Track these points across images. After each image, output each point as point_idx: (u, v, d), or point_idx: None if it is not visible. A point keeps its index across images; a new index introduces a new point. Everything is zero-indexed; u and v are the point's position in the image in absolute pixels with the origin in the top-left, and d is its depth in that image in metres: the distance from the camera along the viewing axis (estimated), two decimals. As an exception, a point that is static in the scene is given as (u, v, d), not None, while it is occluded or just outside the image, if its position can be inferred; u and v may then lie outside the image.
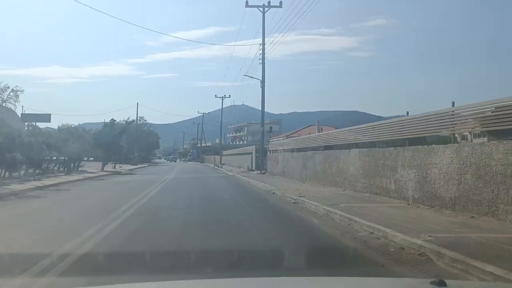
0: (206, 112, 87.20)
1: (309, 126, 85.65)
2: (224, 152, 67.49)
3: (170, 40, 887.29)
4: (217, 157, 71.05)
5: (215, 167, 52.78)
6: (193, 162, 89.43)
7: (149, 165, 60.45)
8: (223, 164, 58.30)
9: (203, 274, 4.78)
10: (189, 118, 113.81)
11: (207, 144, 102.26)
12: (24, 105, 48.92)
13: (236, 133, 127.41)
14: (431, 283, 2.12)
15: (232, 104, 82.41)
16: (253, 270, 5.18)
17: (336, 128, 27.01)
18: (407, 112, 15.29)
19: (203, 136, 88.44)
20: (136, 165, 53.64)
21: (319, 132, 29.71)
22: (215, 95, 66.45)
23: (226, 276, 4.25)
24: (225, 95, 66.30)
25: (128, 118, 69.95)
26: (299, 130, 79.20)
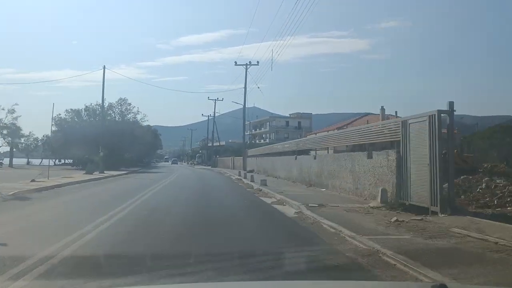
0: (219, 99, 63.50)
1: (365, 115, 62.75)
2: (250, 152, 42.82)
3: (180, 43, 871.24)
4: (237, 159, 47.17)
5: (241, 178, 27.89)
6: (202, 167, 64.50)
7: (128, 173, 36.17)
8: (251, 171, 33.74)
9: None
10: (199, 121, 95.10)
11: (221, 143, 78.95)
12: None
13: (255, 130, 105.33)
14: (432, 287, 2.09)
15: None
16: None
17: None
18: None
19: (215, 128, 63.77)
20: (97, 172, 29.45)
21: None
22: (235, 62, 42.20)
23: None
24: (250, 62, 41.99)
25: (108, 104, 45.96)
26: (352, 121, 54.77)
